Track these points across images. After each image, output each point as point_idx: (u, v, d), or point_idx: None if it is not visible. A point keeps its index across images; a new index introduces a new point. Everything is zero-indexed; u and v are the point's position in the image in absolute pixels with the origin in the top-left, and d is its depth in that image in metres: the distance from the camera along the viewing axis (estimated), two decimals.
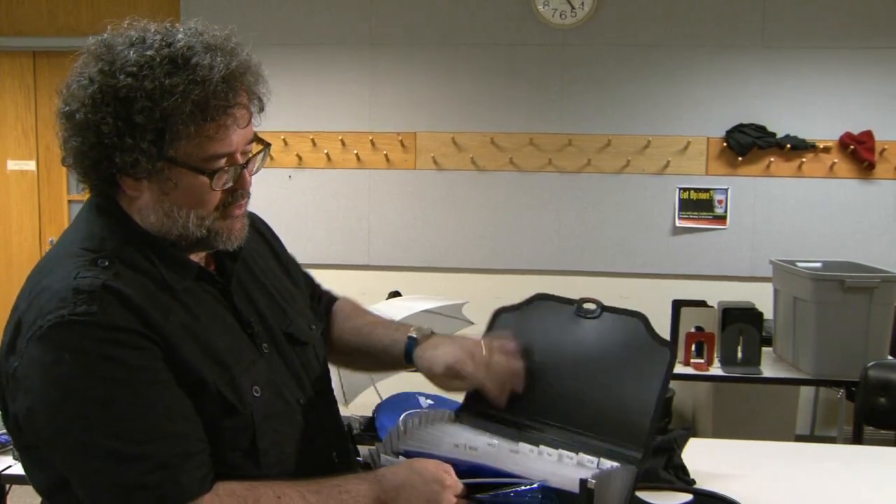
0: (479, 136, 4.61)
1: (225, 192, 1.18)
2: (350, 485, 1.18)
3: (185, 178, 1.13)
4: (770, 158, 4.44)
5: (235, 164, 1.17)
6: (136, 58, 1.09)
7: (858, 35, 4.37)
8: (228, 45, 1.15)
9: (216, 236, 1.20)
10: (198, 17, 1.19)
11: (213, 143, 1.12)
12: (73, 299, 1.06)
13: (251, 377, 1.20)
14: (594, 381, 1.40)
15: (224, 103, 1.11)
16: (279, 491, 1.13)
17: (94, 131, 1.10)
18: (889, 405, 2.89)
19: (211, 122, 1.11)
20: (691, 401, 4.58)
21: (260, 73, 1.19)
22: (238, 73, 1.13)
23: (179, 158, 1.12)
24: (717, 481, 1.75)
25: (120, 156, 1.10)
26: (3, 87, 4.97)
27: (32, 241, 4.98)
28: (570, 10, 4.47)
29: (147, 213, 1.17)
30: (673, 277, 4.52)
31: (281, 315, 1.34)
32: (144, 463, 1.05)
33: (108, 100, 1.09)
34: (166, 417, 1.08)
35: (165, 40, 1.12)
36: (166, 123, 1.08)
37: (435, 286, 4.57)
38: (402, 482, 1.18)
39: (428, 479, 1.18)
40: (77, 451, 1.06)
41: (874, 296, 3.17)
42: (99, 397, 1.05)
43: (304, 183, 4.70)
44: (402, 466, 1.22)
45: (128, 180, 1.14)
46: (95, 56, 1.13)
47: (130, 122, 1.08)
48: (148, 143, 1.08)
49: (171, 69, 1.09)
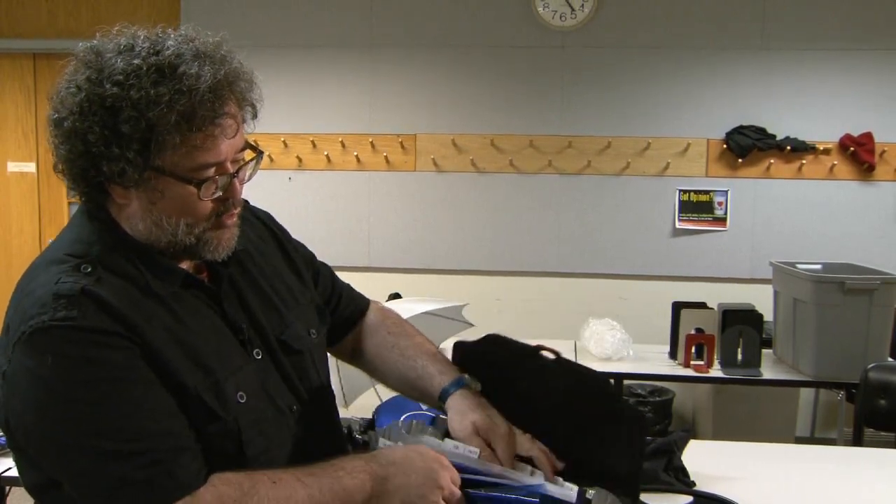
0: (478, 138, 4.61)
1: (216, 202, 1.17)
2: (345, 462, 1.18)
3: (173, 188, 1.13)
4: (770, 160, 4.44)
5: (225, 172, 1.16)
6: (124, 66, 1.08)
7: (858, 37, 4.37)
8: (219, 53, 1.14)
9: (204, 245, 1.19)
10: (194, 22, 1.18)
11: (199, 152, 1.11)
12: (53, 304, 1.06)
13: (237, 383, 1.19)
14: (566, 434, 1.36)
15: (211, 113, 1.10)
16: (275, 476, 1.13)
17: (81, 139, 1.10)
18: (889, 407, 2.88)
19: (197, 132, 1.10)
20: (691, 402, 4.58)
21: (252, 80, 1.18)
22: (227, 82, 1.12)
23: (166, 168, 1.11)
24: (718, 483, 1.75)
25: (107, 164, 1.10)
26: (3, 89, 4.97)
27: (32, 242, 4.99)
28: (570, 11, 4.47)
29: (136, 221, 1.17)
30: (673, 279, 4.53)
31: (277, 320, 1.33)
32: (137, 459, 1.05)
33: (94, 108, 1.08)
34: (153, 415, 1.08)
35: (154, 48, 1.11)
36: (152, 133, 1.08)
37: (435, 288, 4.58)
38: (400, 458, 1.19)
39: (427, 457, 1.19)
40: (67, 453, 1.06)
41: (874, 297, 3.16)
42: (84, 399, 1.05)
43: (304, 185, 4.70)
44: (400, 448, 1.23)
45: (116, 188, 1.14)
46: (84, 63, 1.12)
47: (117, 131, 1.08)
48: (134, 153, 1.08)
49: (158, 78, 1.08)
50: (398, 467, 1.18)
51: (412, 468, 1.17)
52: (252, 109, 1.20)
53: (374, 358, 1.56)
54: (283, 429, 1.27)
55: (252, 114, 1.20)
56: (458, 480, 1.20)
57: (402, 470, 1.17)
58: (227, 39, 1.17)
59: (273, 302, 1.35)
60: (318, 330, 1.43)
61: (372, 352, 1.57)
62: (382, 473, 1.17)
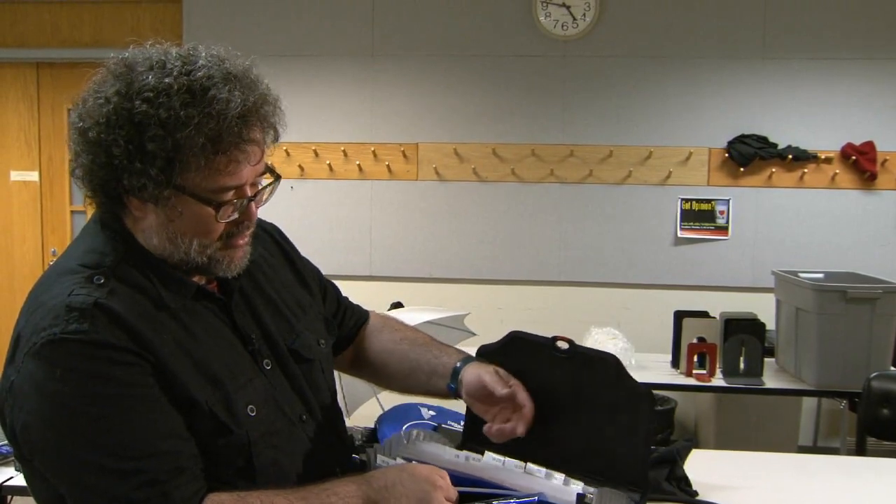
0: (480, 147, 4.61)
1: (230, 223, 1.18)
2: (338, 487, 1.17)
3: (191, 208, 1.13)
4: (772, 169, 4.45)
5: (244, 196, 1.17)
6: (155, 83, 1.09)
7: (860, 46, 4.38)
8: (248, 78, 1.15)
9: (216, 264, 1.20)
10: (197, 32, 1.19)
11: (222, 176, 1.12)
12: (65, 317, 1.07)
13: (246, 396, 1.20)
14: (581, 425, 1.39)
15: (237, 139, 1.11)
16: (267, 500, 1.13)
17: (104, 151, 1.10)
18: (892, 416, 2.88)
19: (222, 155, 1.11)
20: (693, 412, 4.57)
21: (278, 105, 1.19)
22: (254, 109, 1.13)
23: (187, 188, 1.12)
24: (720, 493, 1.75)
25: (128, 178, 1.10)
26: (6, 98, 4.98)
27: (35, 251, 4.99)
28: (572, 21, 4.48)
29: (150, 235, 1.17)
30: (674, 288, 4.52)
31: (287, 329, 1.34)
32: (135, 478, 1.06)
33: (121, 122, 1.08)
34: (157, 434, 1.08)
35: (185, 68, 1.11)
36: (177, 153, 1.08)
37: (437, 297, 4.58)
38: (393, 482, 1.17)
39: (419, 479, 1.17)
40: (68, 465, 1.07)
41: (876, 306, 3.16)
42: (89, 413, 1.05)
43: (306, 194, 4.70)
44: (393, 468, 1.22)
45: (134, 201, 1.14)
46: (115, 75, 1.12)
47: (141, 147, 1.08)
48: (157, 170, 1.08)
49: (188, 99, 1.08)
50: (390, 491, 1.16)
51: (404, 492, 1.16)
52: (274, 133, 1.20)
53: (382, 353, 1.56)
54: (293, 438, 1.27)
55: (273, 137, 1.20)
56: (453, 496, 1.19)
57: (394, 494, 1.16)
58: (257, 63, 1.18)
59: (283, 312, 1.35)
60: (326, 341, 1.44)
61: (378, 349, 1.57)
62: (375, 498, 1.16)
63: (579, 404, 1.40)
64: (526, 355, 1.43)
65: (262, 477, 1.19)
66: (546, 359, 1.41)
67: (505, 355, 1.45)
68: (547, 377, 1.40)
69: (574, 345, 1.39)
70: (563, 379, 1.40)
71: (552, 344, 1.40)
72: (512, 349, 1.45)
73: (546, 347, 1.41)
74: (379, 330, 1.60)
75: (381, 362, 1.57)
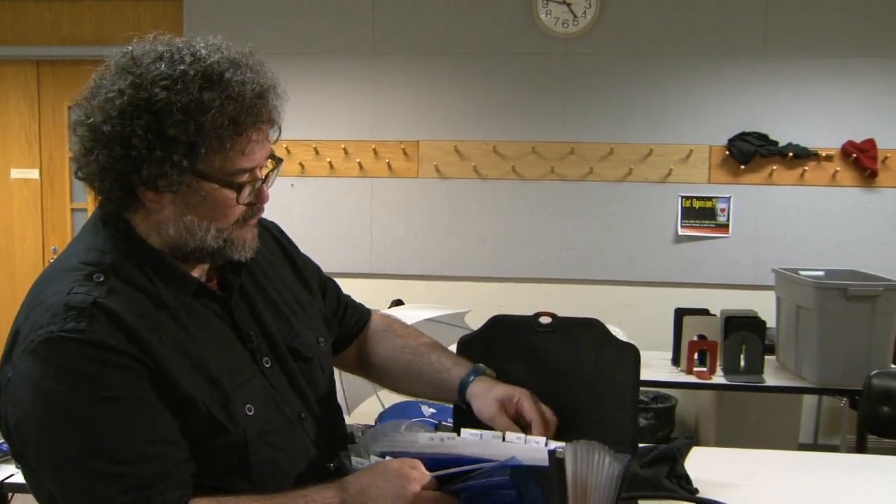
0: (481, 145, 4.61)
1: (246, 206, 1.20)
2: (315, 493, 1.17)
3: (213, 192, 1.15)
4: (772, 167, 4.44)
5: (256, 178, 1.19)
6: (169, 71, 1.10)
7: (860, 43, 4.37)
8: (252, 62, 1.17)
9: (231, 246, 1.21)
10: (197, 30, 1.20)
11: (241, 157, 1.14)
12: (63, 315, 1.07)
13: (245, 395, 1.20)
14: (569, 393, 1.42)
15: (255, 119, 1.13)
16: None
17: (121, 144, 1.09)
18: (892, 414, 2.87)
19: (241, 136, 1.13)
20: (694, 409, 4.57)
21: (280, 93, 1.21)
22: (268, 89, 1.17)
23: (209, 172, 1.13)
24: (721, 490, 1.75)
25: (147, 168, 1.10)
26: (7, 96, 4.98)
27: (35, 249, 4.99)
28: (573, 18, 4.48)
29: (166, 227, 1.17)
30: (675, 286, 4.52)
31: (286, 327, 1.34)
32: (122, 482, 1.06)
33: (139, 112, 1.09)
34: (147, 438, 1.08)
35: (195, 55, 1.12)
36: (200, 137, 1.09)
37: (437, 295, 4.58)
38: (367, 484, 1.17)
39: (390, 476, 1.17)
40: (57, 465, 1.07)
41: (877, 304, 3.16)
42: (81, 414, 1.05)
43: (306, 191, 4.70)
44: (365, 470, 1.21)
45: (149, 193, 1.14)
46: (122, 68, 1.12)
47: (162, 134, 1.08)
48: (179, 156, 1.09)
49: (205, 84, 1.10)
50: (367, 494, 1.15)
51: (379, 492, 1.15)
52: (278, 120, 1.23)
53: (385, 360, 1.57)
54: (291, 436, 1.27)
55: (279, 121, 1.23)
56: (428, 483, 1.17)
57: (370, 496, 1.15)
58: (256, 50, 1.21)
59: (282, 310, 1.35)
60: (325, 339, 1.44)
61: (382, 355, 1.58)
62: (352, 502, 1.16)
63: (568, 375, 1.44)
64: (509, 337, 1.46)
65: (258, 475, 1.19)
66: (530, 337, 1.45)
67: (488, 341, 1.47)
68: (533, 355, 1.44)
69: (557, 317, 1.43)
70: (549, 353, 1.44)
71: (535, 320, 1.43)
72: (494, 334, 1.48)
73: (529, 325, 1.44)
74: (381, 334, 1.61)
75: (384, 368, 1.58)
